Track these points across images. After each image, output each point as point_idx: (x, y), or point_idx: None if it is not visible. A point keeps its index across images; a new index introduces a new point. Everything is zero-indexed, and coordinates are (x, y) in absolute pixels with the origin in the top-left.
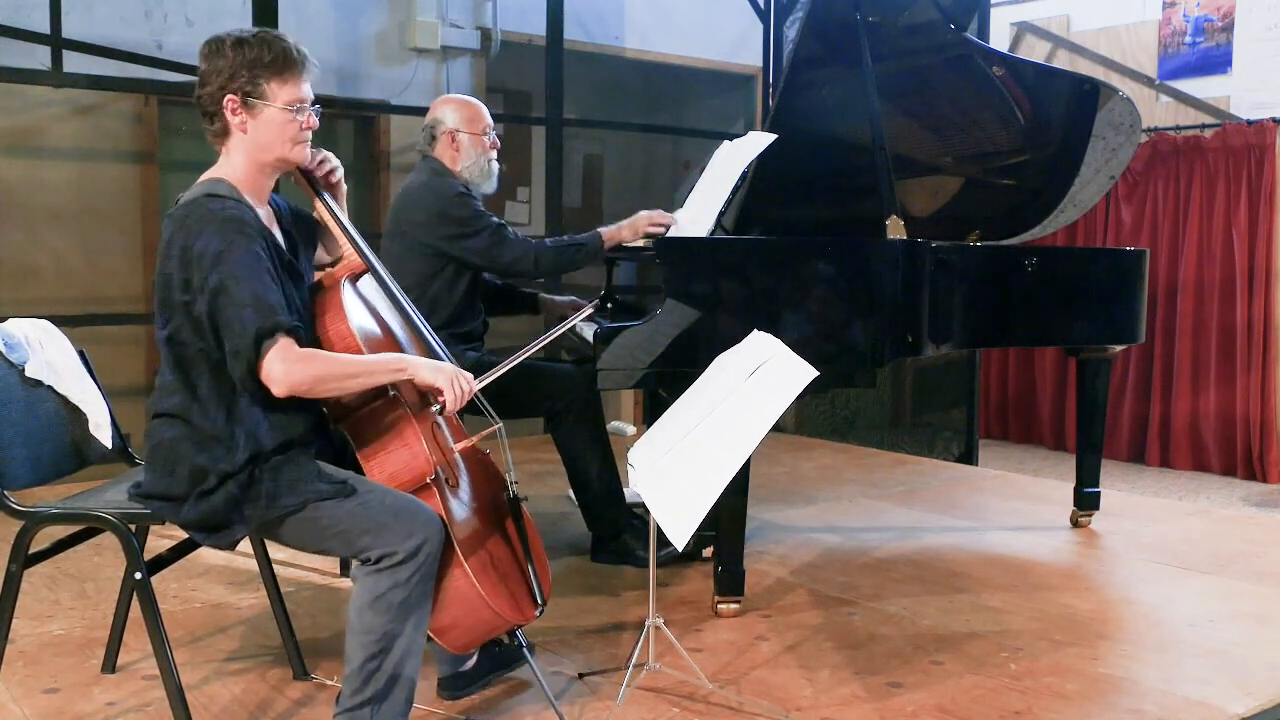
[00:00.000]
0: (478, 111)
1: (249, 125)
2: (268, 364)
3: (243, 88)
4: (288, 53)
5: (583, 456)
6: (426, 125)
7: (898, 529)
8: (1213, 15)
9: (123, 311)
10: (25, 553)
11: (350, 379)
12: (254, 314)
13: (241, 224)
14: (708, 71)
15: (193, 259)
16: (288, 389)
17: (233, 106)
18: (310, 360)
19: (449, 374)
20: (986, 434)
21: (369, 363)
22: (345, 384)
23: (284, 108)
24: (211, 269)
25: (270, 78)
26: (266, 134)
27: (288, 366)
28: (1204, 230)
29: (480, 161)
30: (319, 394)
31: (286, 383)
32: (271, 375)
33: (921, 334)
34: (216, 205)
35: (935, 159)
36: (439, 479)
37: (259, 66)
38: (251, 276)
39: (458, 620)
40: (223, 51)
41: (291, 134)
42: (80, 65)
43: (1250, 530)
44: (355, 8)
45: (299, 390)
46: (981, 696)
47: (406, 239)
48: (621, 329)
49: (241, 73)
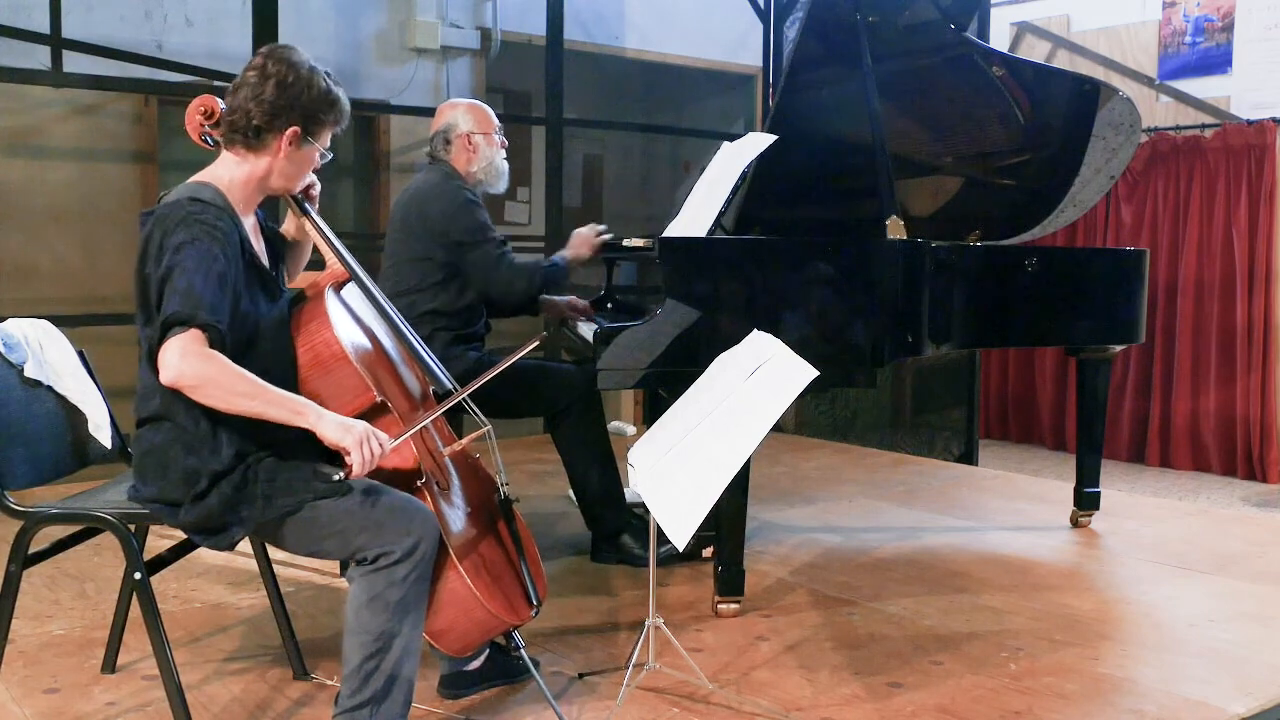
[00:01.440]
0: (487, 113)
1: (290, 156)
2: (165, 349)
3: (308, 125)
4: (347, 105)
5: (583, 456)
6: (438, 131)
7: (898, 529)
8: (1213, 15)
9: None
10: (25, 553)
11: (243, 397)
12: (178, 300)
13: (214, 229)
14: (708, 71)
15: (162, 254)
16: (173, 378)
17: (292, 137)
18: (208, 360)
19: (359, 435)
20: (986, 434)
21: (270, 393)
22: (235, 400)
23: (321, 149)
24: (167, 258)
25: (330, 123)
26: (293, 167)
27: (183, 356)
28: (1204, 230)
29: (495, 161)
30: (205, 397)
31: (175, 371)
32: (164, 360)
33: (921, 334)
34: (196, 208)
35: (935, 159)
36: (429, 482)
37: (327, 110)
38: (196, 271)
39: (454, 623)
40: (297, 84)
41: (308, 170)
42: (80, 65)
43: (1250, 530)
44: (355, 8)
45: (183, 384)
46: (981, 696)
47: (414, 240)
48: (621, 329)
49: (317, 112)
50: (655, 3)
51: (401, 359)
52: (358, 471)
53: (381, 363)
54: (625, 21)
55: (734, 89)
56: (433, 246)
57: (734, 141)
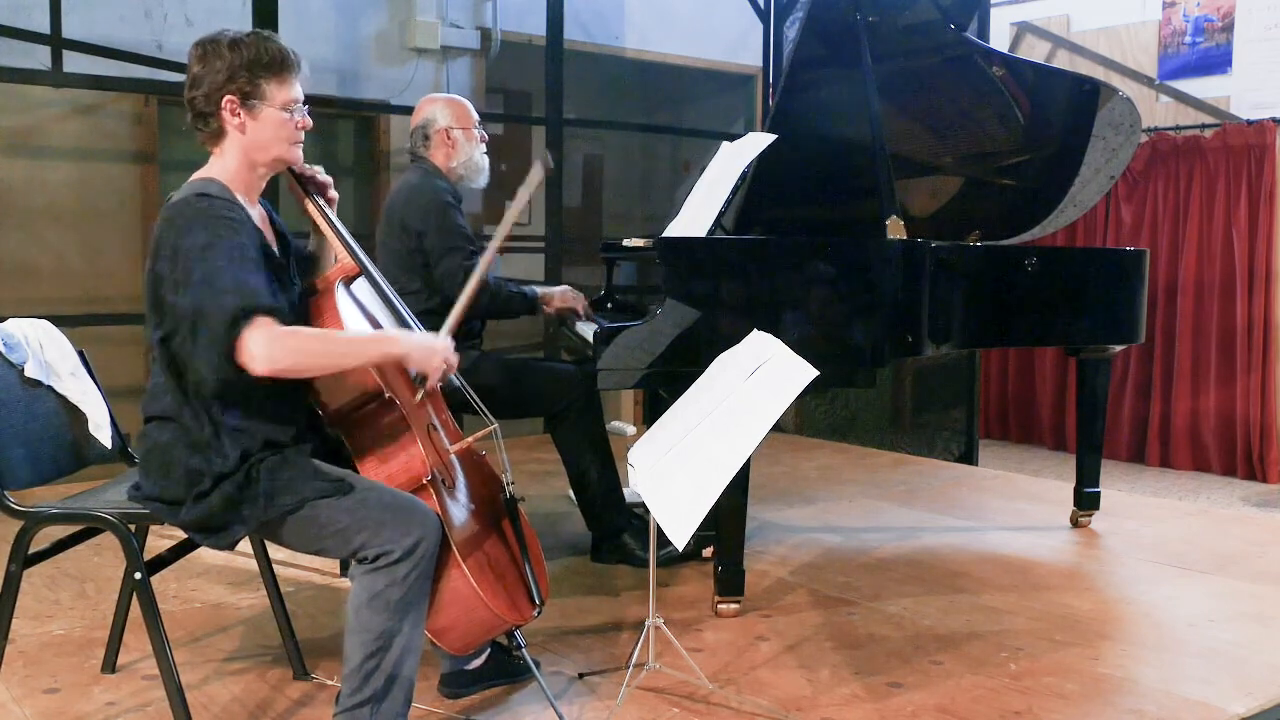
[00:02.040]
0: (466, 108)
1: (247, 126)
2: (247, 342)
3: (242, 88)
4: (284, 54)
5: (583, 456)
6: (417, 127)
7: (898, 529)
8: (1213, 15)
9: (123, 311)
10: (25, 553)
11: (337, 355)
12: (234, 297)
13: (230, 221)
14: (708, 71)
15: (180, 256)
16: (268, 366)
17: (231, 107)
18: (293, 335)
19: (442, 353)
20: (986, 434)
21: (356, 341)
22: (332, 360)
23: (281, 108)
24: (196, 263)
25: (269, 78)
26: (264, 134)
27: (269, 343)
28: (1204, 230)
29: (474, 156)
30: (304, 370)
31: (267, 359)
32: (251, 353)
33: (921, 334)
34: (204, 203)
35: (935, 159)
36: (435, 480)
37: (257, 67)
38: (234, 265)
39: (456, 621)
40: (219, 52)
41: (288, 134)
42: (80, 65)
43: (1250, 530)
44: (355, 8)
45: (280, 367)
46: (981, 696)
47: (400, 241)
48: (621, 329)
49: (240, 74)
50: (655, 2)
51: None
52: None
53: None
54: (625, 21)
55: (734, 89)
56: (415, 247)
57: (734, 141)
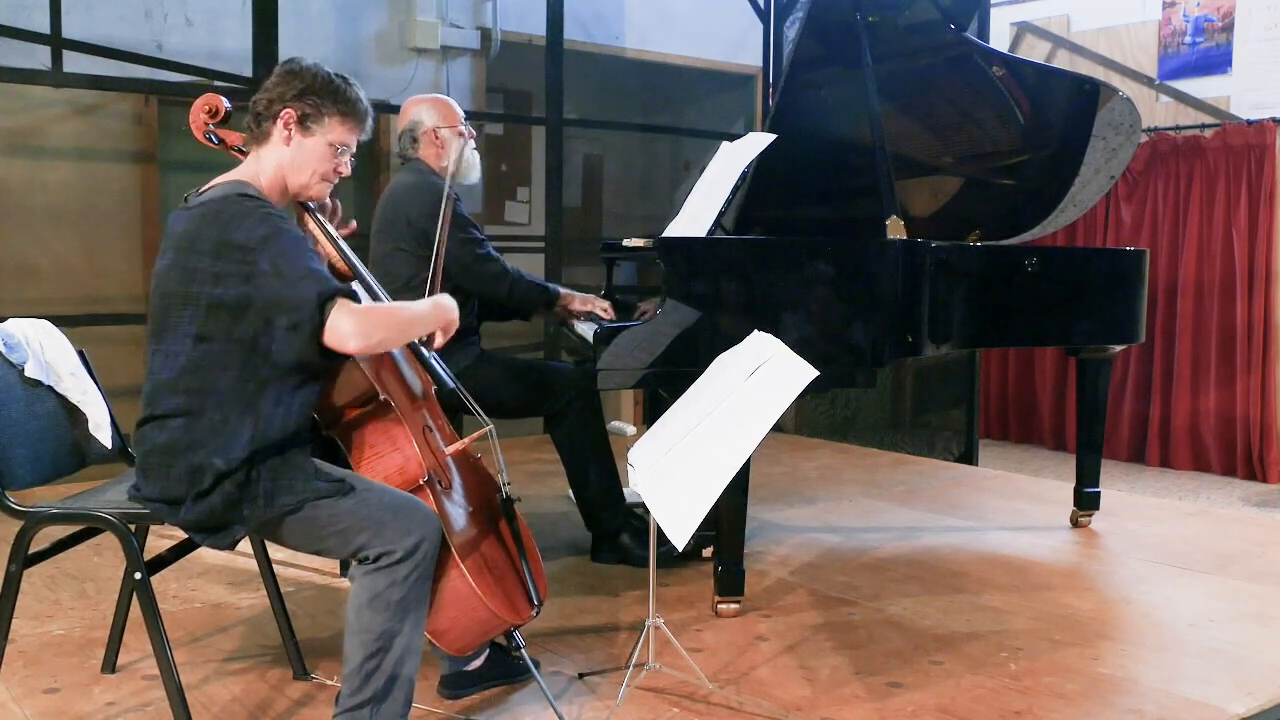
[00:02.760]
0: (450, 106)
1: (293, 142)
2: (336, 322)
3: (306, 108)
4: (360, 102)
5: (582, 456)
6: (404, 130)
7: (898, 529)
8: (1213, 15)
9: (123, 311)
10: (25, 553)
11: (410, 325)
12: (313, 283)
13: (281, 218)
14: (708, 71)
15: (233, 249)
16: (363, 341)
17: (288, 119)
18: (370, 313)
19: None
20: (986, 434)
21: (419, 310)
22: (408, 331)
23: (330, 143)
24: (260, 253)
25: (335, 113)
26: (305, 158)
27: (355, 321)
28: (1204, 230)
29: (465, 154)
30: (385, 343)
31: (361, 334)
32: (343, 330)
33: (921, 334)
34: (252, 204)
35: (935, 159)
36: (431, 482)
37: (330, 98)
38: (302, 254)
39: (455, 622)
40: (303, 75)
41: (324, 170)
42: (80, 65)
43: (1250, 530)
44: (355, 8)
45: (373, 341)
46: (981, 696)
47: (396, 240)
48: (621, 329)
49: (312, 96)
50: (655, 3)
51: (404, 357)
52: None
53: (385, 361)
54: (625, 21)
55: (734, 89)
56: (415, 245)
57: (734, 141)
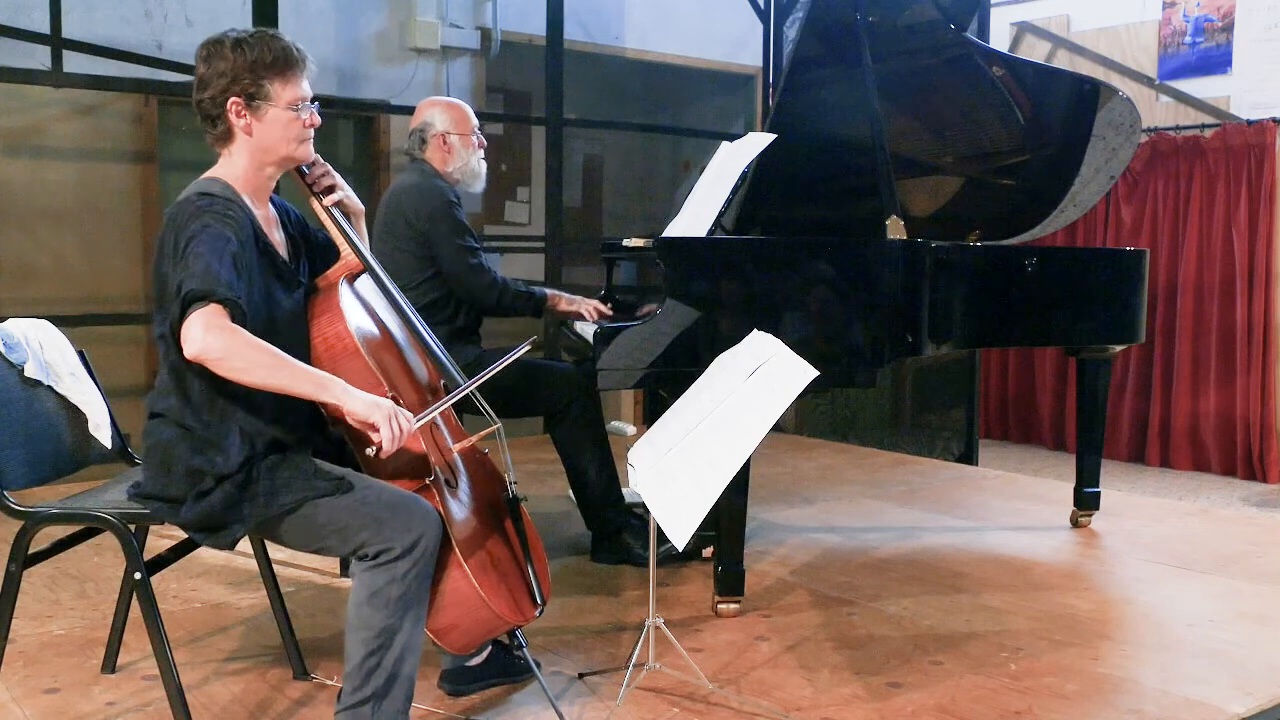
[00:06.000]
0: (465, 113)
1: (253, 127)
2: (187, 324)
3: (246, 90)
4: (288, 52)
5: (582, 456)
6: (415, 129)
7: (898, 529)
8: (1213, 15)
9: (123, 311)
10: (25, 553)
11: (267, 369)
12: (195, 281)
13: (224, 216)
14: (708, 71)
15: (176, 251)
16: (198, 352)
17: (237, 109)
18: (232, 333)
19: (386, 411)
20: (986, 434)
21: (294, 366)
22: (259, 372)
23: (287, 107)
24: (182, 253)
25: (273, 78)
26: (271, 135)
27: (206, 330)
28: (1204, 230)
29: (471, 162)
30: (229, 370)
31: (199, 344)
32: (187, 335)
33: (921, 334)
34: (205, 202)
35: (935, 159)
36: (438, 479)
37: (261, 67)
38: (210, 253)
39: (457, 621)
40: (222, 54)
41: (295, 133)
42: (80, 65)
43: (1250, 530)
44: (355, 8)
45: (208, 357)
46: (981, 696)
47: (398, 237)
48: (621, 329)
49: (244, 75)
50: (655, 3)
51: (413, 351)
52: (387, 448)
53: (392, 355)
54: (625, 21)
55: (734, 89)
56: (415, 246)
57: (734, 141)
